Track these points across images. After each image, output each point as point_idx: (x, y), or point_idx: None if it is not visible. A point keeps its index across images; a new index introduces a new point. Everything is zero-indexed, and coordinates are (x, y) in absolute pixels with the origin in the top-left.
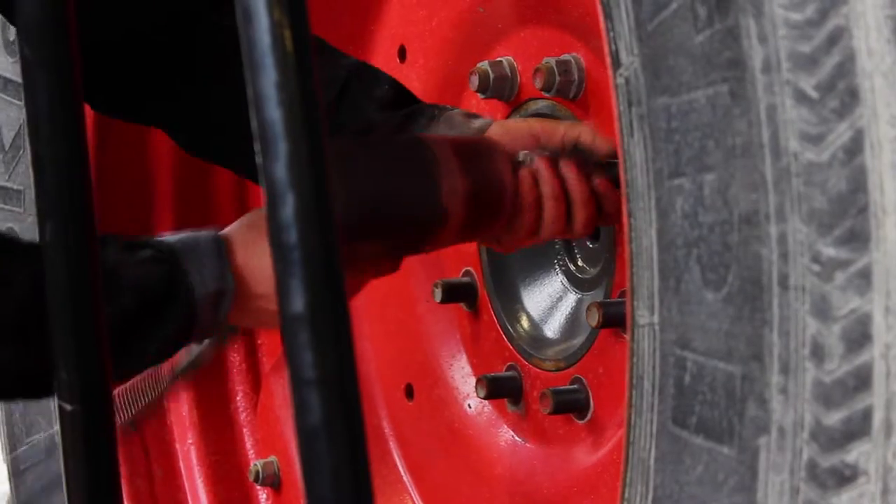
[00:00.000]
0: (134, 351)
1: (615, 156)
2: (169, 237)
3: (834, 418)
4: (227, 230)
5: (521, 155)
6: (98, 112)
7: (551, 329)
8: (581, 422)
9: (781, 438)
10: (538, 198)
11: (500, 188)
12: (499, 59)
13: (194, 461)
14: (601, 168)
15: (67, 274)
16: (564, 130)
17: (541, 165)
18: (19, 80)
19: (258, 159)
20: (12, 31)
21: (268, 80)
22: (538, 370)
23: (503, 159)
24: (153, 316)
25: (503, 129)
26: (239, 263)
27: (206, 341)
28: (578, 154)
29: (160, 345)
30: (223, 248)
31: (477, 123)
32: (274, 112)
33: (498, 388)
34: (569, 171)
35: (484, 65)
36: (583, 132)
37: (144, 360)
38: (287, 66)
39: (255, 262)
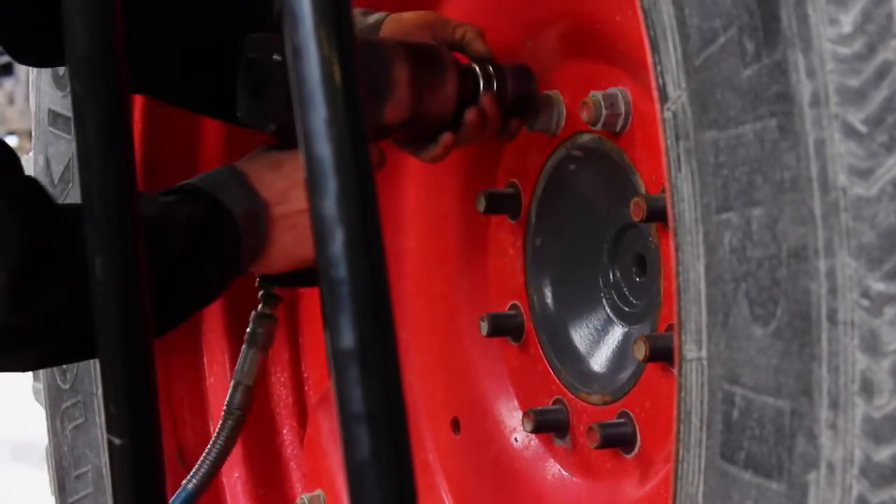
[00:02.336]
0: (192, 287)
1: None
2: (185, 181)
3: (884, 454)
4: (235, 164)
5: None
6: (28, 64)
7: (598, 362)
8: (628, 456)
9: (831, 474)
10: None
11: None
12: (545, 92)
13: (241, 494)
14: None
15: (117, 309)
16: (455, 25)
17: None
18: (68, 113)
19: (308, 195)
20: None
21: (318, 116)
22: (585, 404)
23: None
24: (201, 247)
25: (398, 22)
26: (257, 188)
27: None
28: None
29: (215, 273)
30: (241, 176)
31: (372, 18)
32: (324, 148)
33: (544, 422)
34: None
35: None
36: (469, 30)
37: (203, 294)
38: (336, 102)
39: (271, 185)
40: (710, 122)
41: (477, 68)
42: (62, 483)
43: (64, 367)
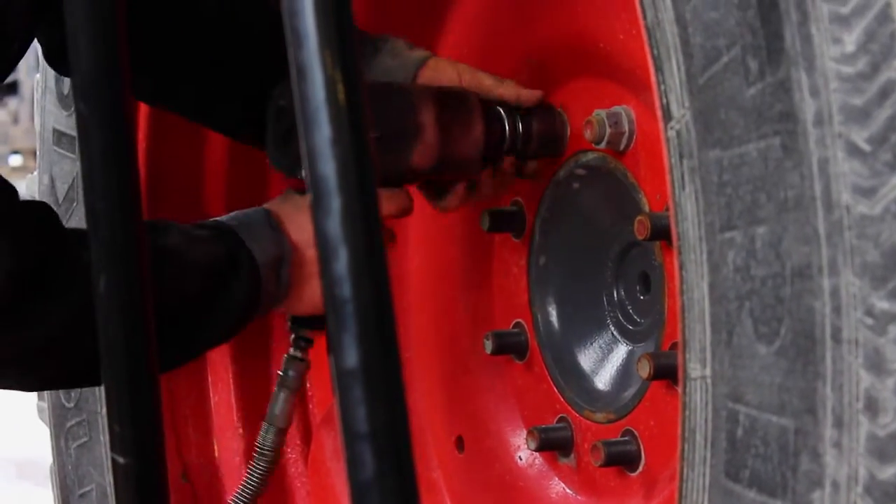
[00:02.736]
0: (207, 326)
1: (543, 103)
2: (220, 217)
3: (888, 472)
4: (268, 206)
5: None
6: (65, 74)
7: (602, 381)
8: (632, 474)
9: (835, 493)
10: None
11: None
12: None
13: None
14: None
15: (121, 327)
16: (490, 86)
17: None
18: (73, 133)
19: (313, 213)
20: (66, 85)
21: (321, 135)
22: (589, 422)
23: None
24: (221, 288)
25: (435, 72)
26: (288, 231)
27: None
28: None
29: (232, 316)
30: (273, 220)
31: (414, 56)
32: (327, 167)
33: (549, 440)
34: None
35: None
36: (506, 92)
37: (217, 334)
38: (340, 121)
39: (304, 228)
40: (714, 141)
41: (502, 111)
42: (66, 501)
43: None
